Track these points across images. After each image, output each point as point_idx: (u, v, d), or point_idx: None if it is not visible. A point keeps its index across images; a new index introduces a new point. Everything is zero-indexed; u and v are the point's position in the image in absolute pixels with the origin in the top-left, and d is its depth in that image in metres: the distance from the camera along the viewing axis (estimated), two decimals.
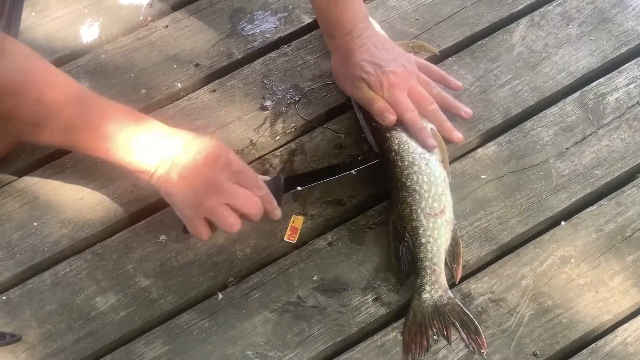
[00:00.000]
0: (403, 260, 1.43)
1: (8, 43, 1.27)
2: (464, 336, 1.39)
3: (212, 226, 1.38)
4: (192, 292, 1.45)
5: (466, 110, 1.55)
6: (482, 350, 1.38)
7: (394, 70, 1.51)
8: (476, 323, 1.39)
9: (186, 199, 1.35)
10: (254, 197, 1.37)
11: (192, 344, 1.41)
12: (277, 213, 1.41)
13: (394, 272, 1.45)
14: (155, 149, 1.34)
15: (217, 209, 1.34)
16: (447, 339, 1.39)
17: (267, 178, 1.44)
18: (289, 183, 1.47)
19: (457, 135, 1.52)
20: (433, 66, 1.59)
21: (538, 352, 1.37)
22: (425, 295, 1.40)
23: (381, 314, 1.42)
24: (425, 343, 1.39)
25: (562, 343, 1.39)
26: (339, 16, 1.51)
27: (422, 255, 1.41)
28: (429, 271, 1.40)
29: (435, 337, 1.39)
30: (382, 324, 1.42)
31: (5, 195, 1.54)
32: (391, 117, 1.49)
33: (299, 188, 1.48)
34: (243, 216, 1.37)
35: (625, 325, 1.40)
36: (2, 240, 1.50)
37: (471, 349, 1.38)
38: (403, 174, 1.45)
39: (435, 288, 1.40)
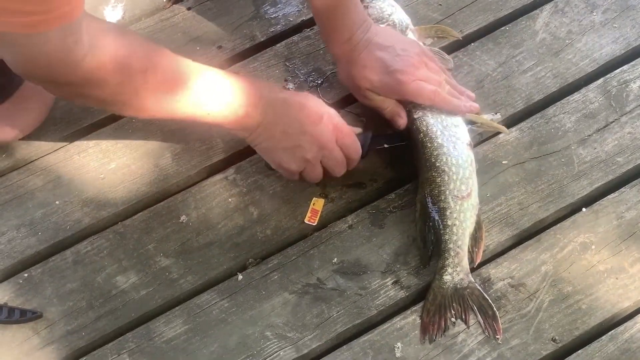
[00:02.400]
0: (428, 241, 1.43)
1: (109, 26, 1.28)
2: (481, 321, 1.39)
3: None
4: (212, 272, 1.46)
5: (469, 94, 1.55)
6: (497, 336, 1.38)
7: (399, 68, 1.48)
8: (494, 309, 1.39)
9: (284, 154, 1.42)
10: (344, 163, 1.44)
11: (211, 324, 1.41)
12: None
13: (418, 252, 1.45)
14: (257, 106, 1.37)
15: (311, 162, 1.43)
16: (466, 322, 1.39)
17: (359, 130, 1.47)
18: (376, 140, 1.50)
19: (473, 105, 1.52)
20: (436, 59, 1.56)
21: (557, 338, 1.37)
22: (447, 277, 1.40)
23: (400, 297, 1.43)
24: (443, 324, 1.39)
25: (582, 329, 1.38)
26: (338, 23, 1.49)
27: (447, 237, 1.41)
28: (452, 253, 1.41)
29: (453, 319, 1.39)
30: (401, 307, 1.43)
31: (28, 173, 1.55)
32: (401, 121, 1.51)
33: (385, 145, 1.51)
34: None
35: None
36: (24, 218, 1.51)
37: (487, 334, 1.38)
38: (432, 155, 1.45)
39: (457, 271, 1.40)
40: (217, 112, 1.36)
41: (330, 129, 1.41)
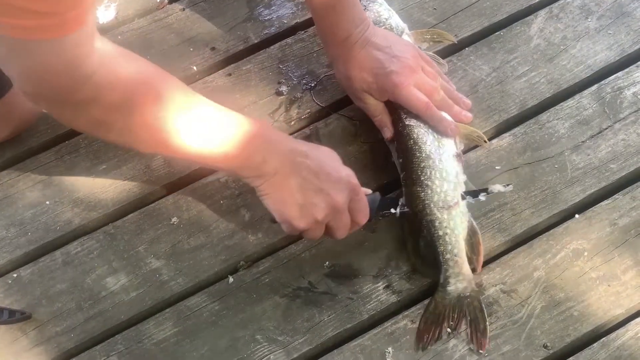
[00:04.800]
0: (422, 255, 1.43)
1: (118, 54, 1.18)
2: (470, 331, 1.38)
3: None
4: (203, 274, 1.45)
5: (465, 102, 1.53)
6: (481, 351, 1.37)
7: (396, 69, 1.46)
8: (487, 324, 1.38)
9: (295, 209, 1.30)
10: (349, 227, 1.36)
11: (201, 327, 1.41)
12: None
13: (417, 269, 1.45)
14: (276, 154, 1.29)
15: (320, 223, 1.32)
16: (455, 329, 1.39)
17: (368, 191, 1.38)
18: (384, 203, 1.43)
19: (466, 114, 1.51)
20: (434, 64, 1.55)
21: (548, 344, 1.37)
22: (450, 288, 1.39)
23: (392, 301, 1.42)
24: (438, 334, 1.38)
25: (573, 336, 1.38)
26: (335, 22, 1.47)
27: (442, 248, 1.40)
28: (451, 264, 1.40)
29: (449, 329, 1.39)
30: (392, 312, 1.42)
31: (19, 173, 1.55)
32: (388, 133, 1.50)
33: (392, 210, 1.43)
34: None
35: (637, 320, 1.39)
36: (14, 218, 1.50)
37: (471, 346, 1.38)
38: (419, 167, 1.43)
39: (460, 279, 1.39)
40: (234, 154, 1.27)
41: (347, 190, 1.32)
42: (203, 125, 1.25)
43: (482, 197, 1.43)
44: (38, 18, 1.00)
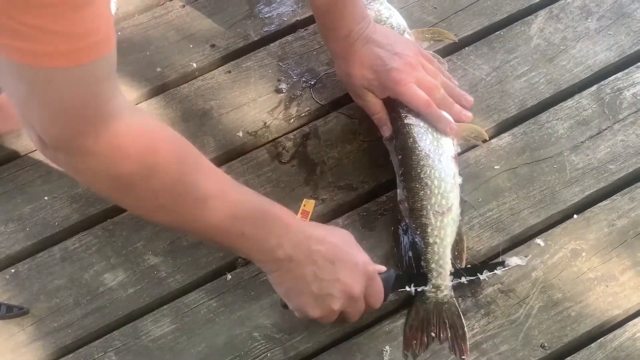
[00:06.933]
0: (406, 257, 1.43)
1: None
2: (449, 337, 1.38)
3: None
4: (201, 271, 1.45)
5: (467, 99, 1.53)
6: (463, 357, 1.37)
7: (396, 66, 1.47)
8: (465, 329, 1.37)
9: (311, 299, 1.28)
10: (362, 312, 1.34)
11: (199, 324, 1.41)
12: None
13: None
14: (292, 240, 1.24)
15: (333, 313, 1.30)
16: (439, 337, 1.38)
17: (382, 269, 1.34)
18: (400, 281, 1.39)
19: (466, 114, 1.50)
20: (435, 61, 1.56)
21: (546, 344, 1.37)
22: (430, 294, 1.40)
23: (389, 300, 1.41)
24: (426, 340, 1.38)
25: (571, 336, 1.38)
26: (337, 18, 1.48)
27: (429, 256, 1.40)
28: (435, 274, 1.39)
29: (433, 334, 1.38)
30: (390, 311, 1.42)
31: (17, 168, 1.54)
32: (386, 132, 1.50)
33: (407, 289, 1.40)
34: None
35: (635, 321, 1.39)
36: (13, 213, 1.50)
37: (453, 352, 1.37)
38: (418, 164, 1.44)
39: (441, 289, 1.39)
40: (251, 234, 1.22)
41: (363, 278, 1.29)
42: (226, 200, 1.21)
43: (498, 271, 1.42)
44: (60, 41, 0.89)
